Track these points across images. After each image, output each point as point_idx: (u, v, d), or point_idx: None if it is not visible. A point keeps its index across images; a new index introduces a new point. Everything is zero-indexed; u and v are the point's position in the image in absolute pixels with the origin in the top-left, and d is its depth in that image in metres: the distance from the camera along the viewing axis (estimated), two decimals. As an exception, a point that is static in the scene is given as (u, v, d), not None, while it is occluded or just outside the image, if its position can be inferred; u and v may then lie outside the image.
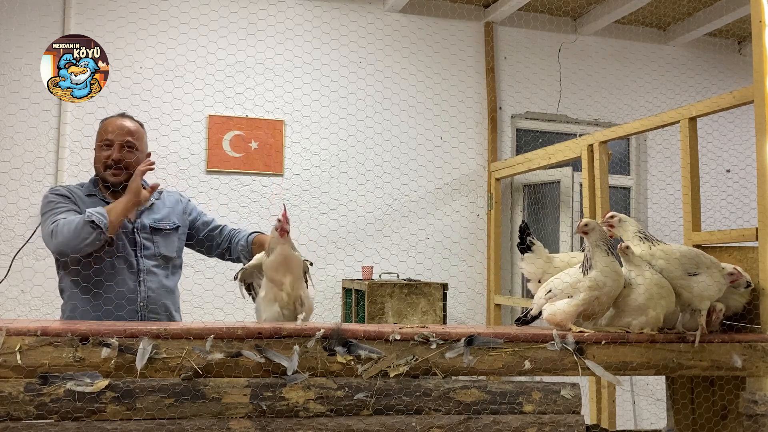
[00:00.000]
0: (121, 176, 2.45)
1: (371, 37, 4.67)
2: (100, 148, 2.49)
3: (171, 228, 2.56)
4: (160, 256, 2.50)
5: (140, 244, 2.46)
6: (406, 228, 4.64)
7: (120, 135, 2.49)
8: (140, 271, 2.44)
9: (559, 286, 2.21)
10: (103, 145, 2.48)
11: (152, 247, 2.48)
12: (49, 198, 2.44)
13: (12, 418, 1.70)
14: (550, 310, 2.20)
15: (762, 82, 2.32)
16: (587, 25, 5.00)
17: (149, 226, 2.50)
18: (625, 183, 5.18)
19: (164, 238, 2.52)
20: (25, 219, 4.02)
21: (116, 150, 2.47)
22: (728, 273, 2.24)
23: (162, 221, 2.54)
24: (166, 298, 2.51)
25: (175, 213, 2.60)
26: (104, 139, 2.48)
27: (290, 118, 4.49)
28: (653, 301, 2.15)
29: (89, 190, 2.51)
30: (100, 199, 2.48)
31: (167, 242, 2.53)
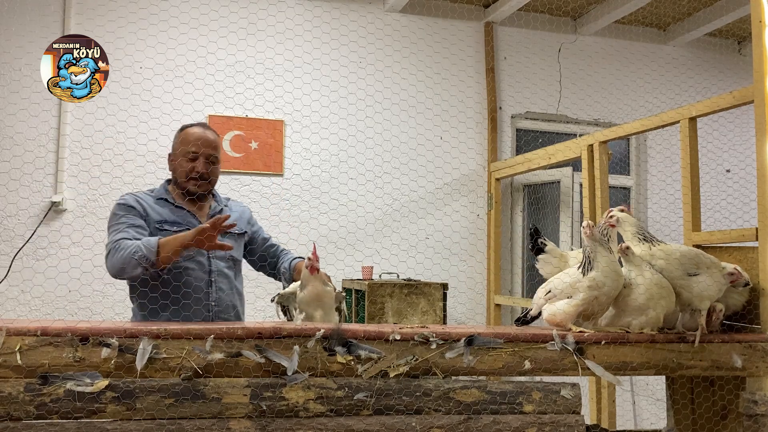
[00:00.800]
0: (203, 187, 2.51)
1: (371, 37, 4.67)
2: (183, 157, 2.50)
3: (239, 233, 2.63)
4: (230, 259, 2.56)
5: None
6: (406, 228, 4.64)
7: (205, 148, 2.52)
8: (212, 272, 2.50)
9: (559, 286, 2.21)
10: (187, 156, 2.50)
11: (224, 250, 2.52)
12: (115, 211, 2.47)
13: (12, 418, 1.70)
14: (550, 310, 2.20)
15: (762, 82, 2.32)
16: (587, 25, 5.00)
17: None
18: (625, 183, 5.18)
19: (233, 241, 2.58)
20: (25, 219, 4.02)
21: (201, 164, 2.50)
22: (728, 273, 2.24)
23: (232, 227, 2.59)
24: (234, 300, 2.57)
25: (242, 220, 2.67)
26: (189, 150, 2.50)
27: (290, 118, 4.49)
28: (653, 301, 2.15)
29: (160, 194, 2.54)
30: (170, 203, 2.52)
31: (236, 246, 2.59)
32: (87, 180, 4.11)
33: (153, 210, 2.49)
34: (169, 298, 2.37)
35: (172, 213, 2.50)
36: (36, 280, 3.95)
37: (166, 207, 2.51)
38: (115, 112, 4.16)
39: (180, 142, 2.54)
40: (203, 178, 2.51)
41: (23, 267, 3.98)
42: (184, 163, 2.50)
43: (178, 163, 2.52)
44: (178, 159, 2.52)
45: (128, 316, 4.01)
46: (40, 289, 3.94)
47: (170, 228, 2.46)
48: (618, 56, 5.19)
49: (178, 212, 2.51)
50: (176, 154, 2.53)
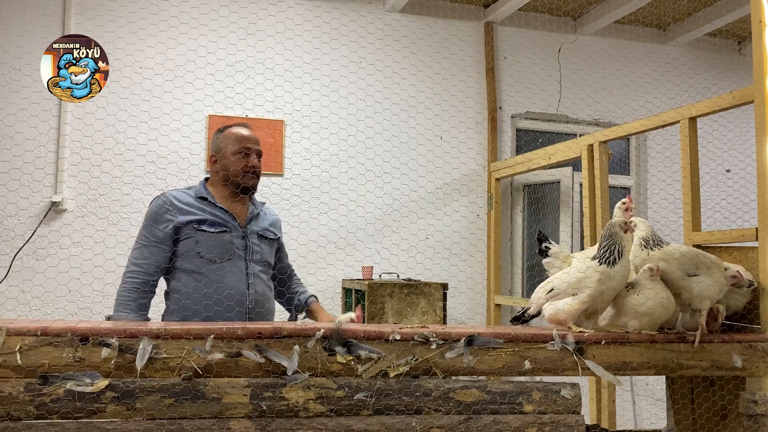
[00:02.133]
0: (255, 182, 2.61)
1: (371, 37, 4.67)
2: (236, 155, 2.56)
3: (273, 238, 2.68)
4: (266, 262, 2.61)
5: (250, 248, 2.55)
6: (406, 228, 4.64)
7: (255, 144, 2.61)
8: (249, 275, 2.52)
9: (563, 283, 2.20)
10: (241, 152, 2.56)
11: (260, 252, 2.58)
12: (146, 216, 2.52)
13: (12, 418, 1.70)
14: (553, 308, 2.20)
15: (762, 82, 2.32)
16: (587, 25, 5.00)
17: (257, 232, 2.60)
18: (625, 183, 5.18)
19: (268, 245, 2.64)
20: (25, 219, 4.02)
21: (255, 158, 2.60)
22: (731, 276, 2.24)
23: (267, 230, 2.65)
24: (269, 302, 2.61)
25: (275, 227, 2.73)
26: (244, 146, 2.57)
27: (290, 118, 4.49)
28: (657, 309, 2.16)
29: (200, 193, 2.57)
30: (211, 202, 2.55)
31: (270, 250, 2.65)
32: (87, 180, 4.11)
33: (192, 209, 2.51)
34: (212, 298, 2.40)
35: (213, 213, 2.53)
36: (36, 280, 3.95)
37: (206, 206, 2.54)
38: (115, 112, 4.16)
39: (229, 141, 2.58)
40: (255, 172, 2.59)
41: (23, 267, 3.98)
42: (238, 160, 2.55)
43: (230, 161, 2.55)
44: (230, 157, 2.55)
45: (128, 316, 4.04)
46: (40, 289, 3.94)
47: (209, 228, 2.49)
48: (618, 56, 5.19)
49: (219, 213, 2.54)
50: (227, 152, 2.56)
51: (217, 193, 2.59)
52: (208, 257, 2.45)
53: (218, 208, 2.55)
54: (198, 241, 2.45)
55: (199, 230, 2.47)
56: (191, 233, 2.46)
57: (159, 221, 2.47)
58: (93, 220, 4.10)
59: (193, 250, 2.45)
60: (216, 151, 2.59)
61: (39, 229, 4.02)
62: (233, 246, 2.50)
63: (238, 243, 2.52)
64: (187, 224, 2.47)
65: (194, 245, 2.45)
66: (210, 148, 2.70)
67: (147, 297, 2.46)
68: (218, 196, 2.58)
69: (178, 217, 2.47)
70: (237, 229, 2.54)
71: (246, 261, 2.53)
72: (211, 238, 2.47)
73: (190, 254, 2.45)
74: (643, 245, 2.27)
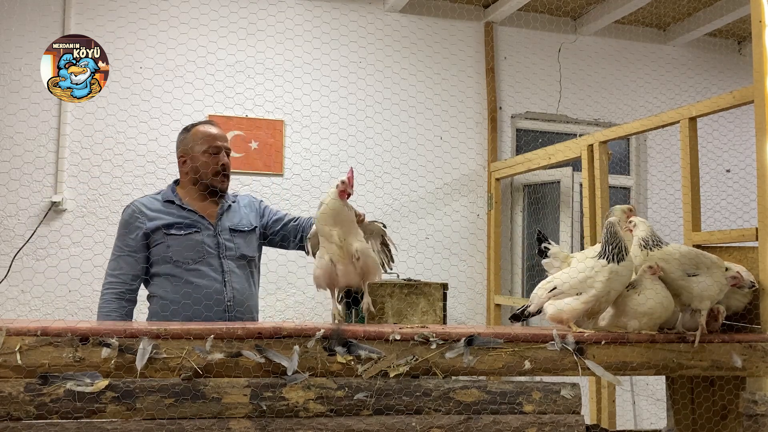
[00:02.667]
0: (226, 183, 2.57)
1: (371, 37, 4.67)
2: (205, 154, 2.52)
3: (249, 229, 2.62)
4: (242, 257, 2.57)
5: (223, 246, 2.53)
6: (406, 228, 4.64)
7: (222, 142, 2.57)
8: (225, 272, 2.50)
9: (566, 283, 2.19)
10: (211, 152, 2.53)
11: (234, 248, 2.54)
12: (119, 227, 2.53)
13: (12, 418, 1.70)
14: (555, 307, 2.19)
15: (762, 82, 2.32)
16: (587, 25, 5.00)
17: (229, 228, 2.56)
18: (625, 183, 5.18)
19: (244, 238, 2.59)
20: (25, 219, 4.02)
21: (224, 156, 2.56)
22: (731, 276, 2.23)
23: (240, 223, 2.60)
24: (249, 299, 2.58)
25: (251, 214, 2.67)
26: (212, 146, 2.53)
27: (290, 118, 4.49)
28: (658, 310, 2.16)
29: (167, 197, 2.56)
30: (178, 205, 2.53)
31: (247, 243, 2.60)
32: (87, 180, 4.11)
33: (160, 214, 2.51)
34: (190, 298, 2.39)
35: (181, 216, 2.52)
36: (36, 280, 3.94)
37: (173, 209, 2.53)
38: (115, 112, 4.16)
39: (195, 140, 2.55)
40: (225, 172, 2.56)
41: (23, 267, 3.98)
42: (207, 159, 2.52)
43: (200, 162, 2.53)
44: (198, 157, 2.52)
45: (128, 316, 4.04)
46: (40, 289, 3.94)
47: (178, 232, 2.48)
48: (618, 56, 5.19)
49: (187, 215, 2.53)
50: (194, 152, 2.53)
51: (187, 195, 2.58)
52: (180, 260, 2.45)
53: (185, 210, 2.53)
54: (169, 246, 2.46)
55: (169, 234, 2.47)
56: (161, 238, 2.47)
57: (130, 230, 2.48)
58: (93, 220, 4.10)
59: (165, 255, 2.45)
60: (184, 152, 2.57)
61: (39, 229, 4.02)
62: (205, 245, 2.49)
63: (209, 242, 2.50)
64: (156, 230, 2.47)
65: (165, 249, 2.46)
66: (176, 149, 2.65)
67: (129, 306, 2.48)
68: (188, 197, 2.57)
69: (147, 223, 2.48)
70: (208, 228, 2.52)
71: (220, 259, 2.51)
72: (181, 240, 2.46)
73: (163, 259, 2.45)
74: (642, 245, 2.27)
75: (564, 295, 2.19)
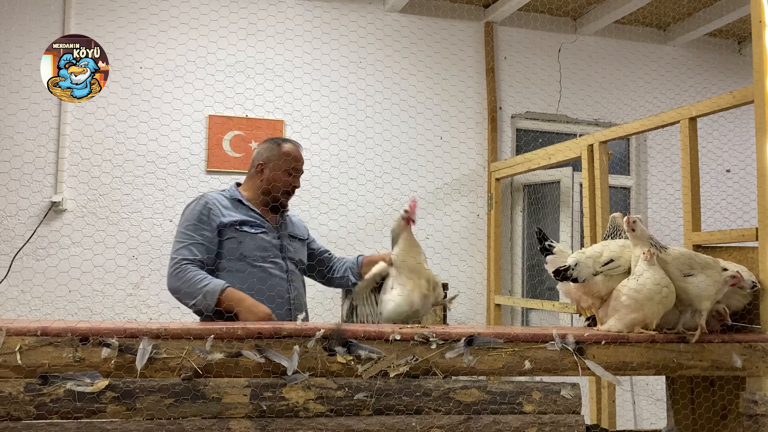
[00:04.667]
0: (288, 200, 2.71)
1: (371, 37, 4.67)
2: (285, 172, 2.64)
3: (303, 239, 2.77)
4: (299, 261, 2.71)
5: (286, 248, 2.64)
6: (406, 228, 4.63)
7: (302, 165, 2.72)
8: (288, 272, 2.61)
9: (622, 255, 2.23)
10: (290, 172, 2.65)
11: (293, 252, 2.68)
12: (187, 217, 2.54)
13: (12, 418, 1.70)
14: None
15: (762, 82, 2.32)
16: (587, 25, 5.00)
17: (288, 234, 2.69)
18: (625, 183, 5.18)
19: (300, 246, 2.74)
20: (25, 219, 4.02)
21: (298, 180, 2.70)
22: (730, 276, 2.23)
23: (296, 231, 2.75)
24: (303, 299, 2.70)
25: (302, 228, 2.83)
26: (293, 167, 2.66)
27: (290, 118, 4.49)
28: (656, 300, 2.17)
29: (234, 195, 2.64)
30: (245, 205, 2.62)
31: (302, 250, 2.76)
32: (87, 180, 4.11)
33: (228, 211, 2.57)
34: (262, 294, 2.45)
35: (249, 216, 2.59)
36: (36, 280, 3.94)
37: (241, 208, 2.60)
38: (115, 112, 4.16)
39: (281, 156, 2.65)
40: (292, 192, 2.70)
41: (23, 267, 3.98)
42: (283, 177, 2.63)
43: (276, 175, 2.63)
44: (278, 172, 2.63)
45: (128, 315, 4.05)
46: (40, 289, 3.94)
47: (250, 230, 2.54)
48: (618, 56, 5.19)
49: (253, 214, 2.61)
50: (277, 167, 2.63)
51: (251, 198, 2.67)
52: (251, 258, 2.52)
53: (252, 211, 2.62)
54: (240, 242, 2.52)
55: (240, 231, 2.53)
56: (233, 234, 2.52)
57: (204, 221, 2.51)
58: (93, 220, 4.10)
59: (236, 251, 2.51)
60: (266, 162, 2.65)
61: (39, 229, 4.02)
62: (272, 246, 2.58)
63: (275, 243, 2.60)
64: (229, 225, 2.52)
65: (237, 245, 2.51)
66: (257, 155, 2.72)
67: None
68: (252, 201, 2.66)
69: (221, 218, 2.53)
70: (272, 231, 2.62)
71: (284, 260, 2.61)
72: (253, 238, 2.54)
73: (233, 255, 2.51)
74: (650, 244, 2.27)
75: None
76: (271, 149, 2.68)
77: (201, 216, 2.51)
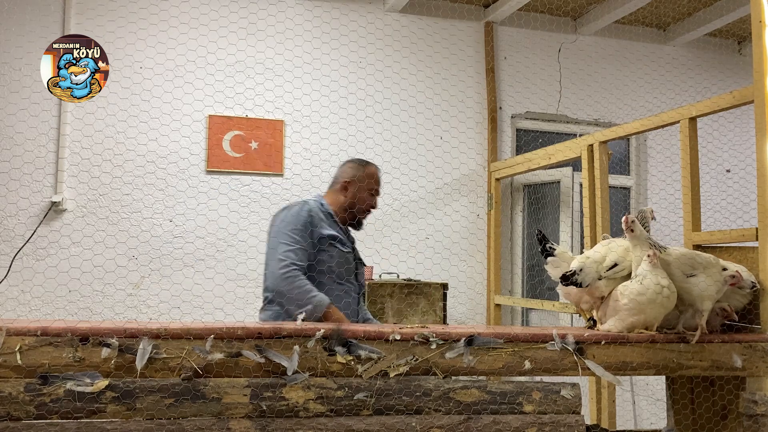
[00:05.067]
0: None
1: (371, 37, 4.67)
2: (368, 192, 2.75)
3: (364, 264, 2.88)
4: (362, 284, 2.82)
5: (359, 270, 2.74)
6: (406, 228, 4.64)
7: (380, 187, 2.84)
8: (359, 294, 2.72)
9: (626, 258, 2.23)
10: (372, 192, 2.76)
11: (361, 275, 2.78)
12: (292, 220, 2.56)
13: (12, 418, 1.70)
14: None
15: (762, 82, 2.32)
16: (587, 25, 5.00)
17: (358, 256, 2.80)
18: (625, 183, 5.18)
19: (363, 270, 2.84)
20: (25, 219, 4.02)
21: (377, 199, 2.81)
22: (730, 276, 2.23)
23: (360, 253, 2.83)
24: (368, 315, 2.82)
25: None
26: (375, 188, 2.78)
27: (290, 118, 4.49)
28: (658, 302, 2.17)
29: (327, 208, 2.71)
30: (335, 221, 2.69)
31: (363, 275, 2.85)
32: (87, 180, 4.11)
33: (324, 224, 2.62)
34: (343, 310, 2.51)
35: (339, 231, 2.66)
36: (36, 280, 3.95)
37: (333, 224, 2.66)
38: (115, 112, 4.16)
39: (366, 177, 2.76)
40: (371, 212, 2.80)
41: (23, 267, 3.98)
42: (367, 196, 2.74)
43: (362, 195, 2.73)
44: (364, 192, 2.73)
45: (128, 315, 4.05)
46: (40, 289, 3.94)
47: (341, 246, 2.61)
48: (618, 56, 5.19)
49: (341, 231, 2.68)
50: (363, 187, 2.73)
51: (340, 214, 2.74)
52: (336, 274, 2.57)
53: (340, 227, 2.68)
54: (332, 256, 2.56)
55: (334, 246, 2.58)
56: (327, 247, 2.57)
57: (308, 229, 2.55)
58: (93, 220, 4.10)
59: (325, 264, 2.55)
60: (352, 181, 2.73)
61: (39, 229, 4.02)
62: (351, 266, 2.66)
63: (353, 263, 2.68)
64: (326, 238, 2.57)
65: (329, 259, 2.55)
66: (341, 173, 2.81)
67: None
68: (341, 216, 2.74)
69: (321, 229, 2.57)
70: (352, 250, 2.71)
71: (357, 279, 2.71)
72: (341, 255, 2.60)
73: (323, 268, 2.54)
74: (651, 244, 2.27)
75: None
76: (356, 169, 2.77)
77: (306, 223, 2.54)
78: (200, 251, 4.21)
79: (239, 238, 4.25)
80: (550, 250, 2.44)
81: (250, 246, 4.24)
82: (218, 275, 4.21)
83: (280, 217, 2.59)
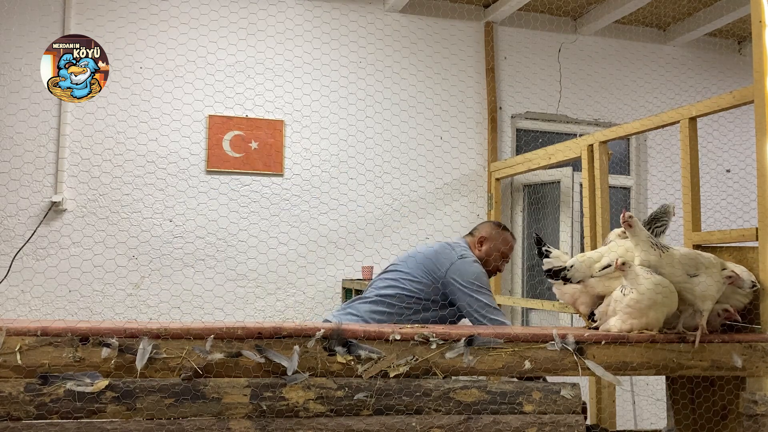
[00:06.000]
0: None
1: (371, 37, 4.67)
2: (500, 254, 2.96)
3: None
4: None
5: None
6: (406, 228, 4.64)
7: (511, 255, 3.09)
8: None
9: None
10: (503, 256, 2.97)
11: None
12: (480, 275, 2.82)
13: (12, 418, 1.70)
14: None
15: (762, 82, 2.32)
16: (587, 25, 5.00)
17: None
18: (625, 183, 5.18)
19: None
20: (25, 219, 4.02)
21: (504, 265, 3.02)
22: (727, 275, 2.23)
23: None
24: None
25: None
26: (508, 254, 3.00)
27: (290, 118, 4.49)
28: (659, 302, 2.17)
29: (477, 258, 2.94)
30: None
31: None
32: (87, 180, 4.11)
33: None
34: None
35: None
36: (36, 280, 3.95)
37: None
38: (115, 112, 4.16)
39: (503, 242, 2.97)
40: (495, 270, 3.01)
41: (23, 267, 3.98)
42: (498, 258, 2.95)
43: (494, 257, 2.95)
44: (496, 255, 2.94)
45: (128, 315, 4.05)
46: (40, 289, 3.94)
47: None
48: (618, 56, 5.19)
49: None
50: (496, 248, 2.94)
51: None
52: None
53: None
54: None
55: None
56: None
57: None
58: (93, 220, 4.10)
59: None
60: (490, 240, 2.95)
61: (39, 229, 4.02)
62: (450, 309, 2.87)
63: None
64: None
65: None
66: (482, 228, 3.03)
67: None
68: None
69: None
70: None
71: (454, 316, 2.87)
72: None
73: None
74: (652, 244, 2.26)
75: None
76: (495, 230, 2.99)
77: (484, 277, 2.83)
78: (200, 251, 4.21)
79: (239, 238, 4.25)
80: (546, 253, 2.47)
81: (250, 246, 4.24)
82: (218, 275, 4.21)
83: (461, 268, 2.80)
